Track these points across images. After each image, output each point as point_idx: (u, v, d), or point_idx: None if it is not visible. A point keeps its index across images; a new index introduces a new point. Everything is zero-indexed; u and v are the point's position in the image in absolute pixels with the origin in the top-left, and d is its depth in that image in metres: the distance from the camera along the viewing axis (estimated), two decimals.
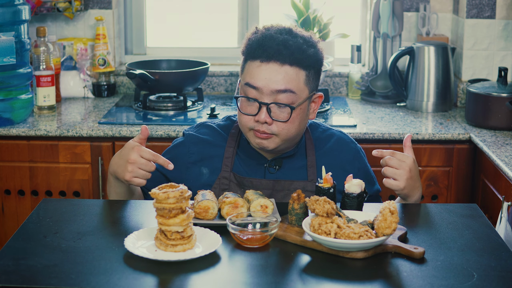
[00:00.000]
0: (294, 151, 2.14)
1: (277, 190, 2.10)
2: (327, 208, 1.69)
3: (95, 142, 2.92)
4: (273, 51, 2.00)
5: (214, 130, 2.19)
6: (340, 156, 2.16)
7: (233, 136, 2.16)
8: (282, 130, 2.02)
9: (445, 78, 3.21)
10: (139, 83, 3.14)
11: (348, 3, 3.77)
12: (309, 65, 2.03)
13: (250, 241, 1.69)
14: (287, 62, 2.00)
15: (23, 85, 3.03)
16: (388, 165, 1.97)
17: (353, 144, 2.21)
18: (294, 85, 2.01)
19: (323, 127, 2.23)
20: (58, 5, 3.41)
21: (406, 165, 1.96)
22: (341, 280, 1.57)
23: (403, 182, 1.96)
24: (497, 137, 2.83)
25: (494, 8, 3.27)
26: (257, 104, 2.01)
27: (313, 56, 2.04)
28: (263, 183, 2.10)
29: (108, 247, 1.68)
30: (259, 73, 2.01)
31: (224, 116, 2.26)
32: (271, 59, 2.00)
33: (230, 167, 2.12)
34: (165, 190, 1.63)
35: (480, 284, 1.52)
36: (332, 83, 3.54)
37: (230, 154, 2.14)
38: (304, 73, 2.03)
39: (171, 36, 3.93)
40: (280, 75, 2.00)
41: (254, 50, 2.03)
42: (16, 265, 1.58)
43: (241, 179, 2.11)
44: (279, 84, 1.99)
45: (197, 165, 2.15)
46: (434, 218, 1.91)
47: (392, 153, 1.98)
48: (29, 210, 2.95)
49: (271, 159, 2.13)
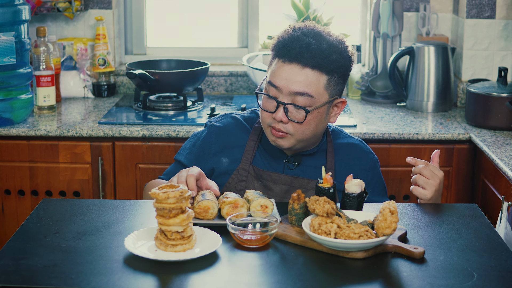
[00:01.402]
0: (314, 151, 2.17)
1: (294, 186, 2.14)
2: (327, 208, 1.69)
3: (95, 142, 2.92)
4: (295, 53, 2.03)
5: (238, 122, 2.23)
6: (357, 164, 2.20)
7: (256, 130, 2.21)
8: (297, 130, 2.06)
9: (445, 78, 3.21)
10: (139, 83, 3.14)
11: (348, 3, 3.77)
12: (332, 70, 2.05)
13: (250, 241, 1.69)
14: (309, 65, 2.02)
15: (23, 85, 3.03)
16: (421, 174, 2.02)
17: (371, 154, 2.25)
18: (313, 89, 2.03)
19: (344, 134, 2.27)
20: (58, 5, 3.41)
21: (437, 178, 2.02)
22: (341, 280, 1.56)
23: (431, 192, 2.01)
24: (497, 137, 2.83)
25: (494, 8, 3.27)
26: (276, 103, 2.06)
27: (336, 62, 2.05)
28: (282, 178, 2.14)
29: (108, 247, 1.68)
30: (281, 72, 2.05)
31: (250, 109, 2.30)
32: (293, 61, 2.03)
33: (250, 160, 2.16)
34: (165, 190, 1.63)
35: (480, 284, 1.52)
36: None
37: (251, 147, 2.18)
38: (325, 78, 2.04)
39: (171, 36, 3.93)
40: (300, 77, 2.03)
41: (279, 49, 2.07)
42: (16, 265, 1.58)
43: (260, 172, 2.15)
44: (298, 86, 2.02)
45: (218, 156, 2.19)
46: (434, 218, 1.91)
47: (426, 164, 2.03)
48: (29, 210, 2.95)
49: (291, 156, 2.17)
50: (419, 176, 2.02)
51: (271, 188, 2.14)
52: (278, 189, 2.13)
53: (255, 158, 2.17)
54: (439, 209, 1.98)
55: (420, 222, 1.88)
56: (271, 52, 2.12)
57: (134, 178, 2.94)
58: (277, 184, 2.13)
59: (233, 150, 2.19)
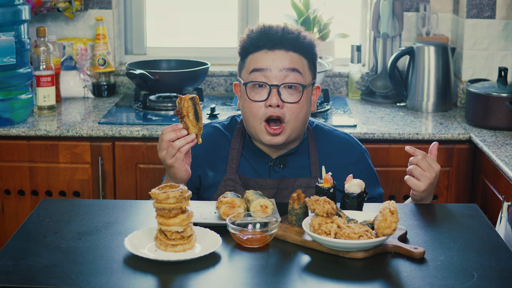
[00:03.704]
0: (297, 148, 2.15)
1: (281, 188, 2.12)
2: (327, 208, 1.69)
3: (95, 142, 2.92)
4: (278, 37, 2.06)
5: (219, 131, 2.21)
6: (344, 157, 2.17)
7: (236, 136, 2.18)
8: (292, 114, 2.05)
9: (445, 78, 3.21)
10: (139, 83, 3.14)
11: (348, 3, 3.77)
12: (309, 53, 2.11)
13: (250, 241, 1.69)
14: (291, 49, 2.06)
15: (23, 85, 3.03)
16: (418, 165, 2.00)
17: (358, 146, 2.22)
18: (300, 67, 2.07)
19: (328, 128, 2.25)
20: (58, 5, 3.41)
21: (434, 171, 2.00)
22: (341, 280, 1.57)
23: (425, 184, 1.99)
24: (497, 137, 2.83)
25: (494, 8, 3.27)
26: (267, 89, 2.04)
27: (311, 45, 2.12)
28: (268, 182, 2.12)
29: (108, 247, 1.68)
30: (266, 57, 2.06)
31: (228, 116, 2.27)
32: (276, 47, 2.06)
33: (235, 169, 2.14)
34: (165, 190, 1.63)
35: (480, 284, 1.52)
36: (332, 83, 3.54)
37: (234, 156, 2.15)
38: (306, 61, 2.09)
39: (171, 36, 3.93)
40: (286, 60, 2.05)
41: (257, 42, 2.08)
42: (16, 265, 1.58)
43: (246, 180, 2.12)
44: (287, 64, 2.05)
45: (203, 167, 2.16)
46: (434, 218, 1.91)
47: (424, 155, 2.01)
48: (29, 210, 2.95)
49: (275, 158, 2.15)
50: (415, 167, 2.00)
51: None
52: (266, 194, 2.11)
53: (240, 166, 2.15)
54: (439, 209, 1.98)
55: (420, 222, 1.88)
56: (239, 56, 2.13)
57: (134, 178, 2.94)
58: (264, 190, 2.11)
59: (217, 162, 2.16)
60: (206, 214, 1.87)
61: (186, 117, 1.93)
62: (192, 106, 1.93)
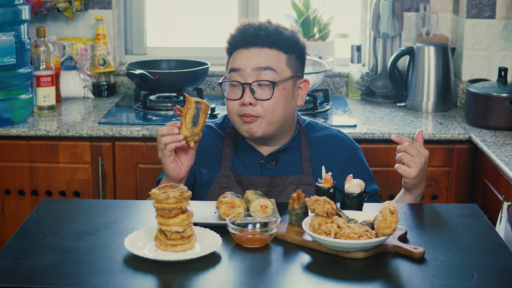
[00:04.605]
0: (288, 145, 2.16)
1: (274, 186, 2.13)
2: (327, 208, 1.69)
3: (95, 142, 2.92)
4: (251, 34, 2.09)
5: (212, 129, 2.23)
6: (337, 154, 2.18)
7: (229, 134, 2.20)
8: (267, 110, 2.07)
9: (445, 78, 3.21)
10: (139, 83, 3.14)
11: (348, 3, 3.77)
12: (289, 48, 2.11)
13: (250, 241, 1.69)
14: (266, 45, 2.08)
15: (23, 85, 3.03)
16: (406, 152, 2.00)
17: (351, 143, 2.22)
18: (274, 64, 2.08)
19: (321, 126, 2.25)
20: (58, 5, 3.41)
21: (423, 156, 2.00)
22: (341, 280, 1.57)
23: (416, 170, 2.00)
24: (497, 137, 2.83)
25: (494, 8, 3.27)
26: (241, 88, 2.07)
27: (290, 39, 2.11)
28: (261, 180, 2.13)
29: (108, 247, 1.68)
30: (240, 56, 2.10)
31: (222, 115, 2.29)
32: (250, 45, 2.09)
33: (229, 166, 2.16)
34: (165, 190, 1.63)
35: (480, 284, 1.52)
36: (332, 83, 3.54)
37: (228, 153, 2.17)
38: (284, 56, 2.10)
39: (171, 36, 3.93)
40: (260, 58, 2.08)
41: (233, 41, 2.12)
42: (16, 265, 1.58)
43: (240, 177, 2.14)
44: (261, 61, 2.07)
45: (196, 165, 2.17)
46: (434, 218, 1.91)
47: (411, 142, 2.01)
48: (29, 210, 2.95)
49: (267, 155, 2.16)
50: (404, 154, 2.00)
51: None
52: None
53: (233, 163, 2.17)
54: (439, 209, 1.98)
55: (420, 222, 1.88)
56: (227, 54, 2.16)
57: (134, 178, 2.94)
58: (256, 187, 2.13)
59: (211, 159, 2.18)
60: (206, 214, 1.87)
61: (183, 118, 1.96)
62: (194, 110, 1.95)
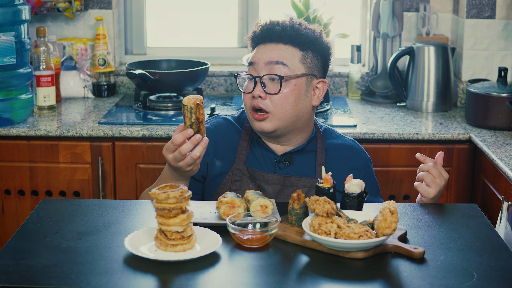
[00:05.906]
0: (304, 146, 2.17)
1: (286, 185, 2.14)
2: (327, 208, 1.69)
3: (95, 142, 2.92)
4: (267, 30, 2.13)
5: (229, 123, 2.26)
6: (349, 163, 2.20)
7: (247, 129, 2.22)
8: (276, 105, 2.09)
9: (445, 78, 3.21)
10: (139, 83, 3.14)
11: (348, 3, 3.77)
12: (304, 45, 2.13)
13: (250, 241, 1.69)
14: (281, 41, 2.12)
15: (23, 85, 3.03)
16: (429, 172, 2.04)
17: (363, 154, 2.25)
18: (287, 59, 2.11)
19: (336, 133, 2.29)
20: (58, 5, 3.41)
21: (443, 178, 2.05)
22: (341, 280, 1.57)
23: (435, 191, 2.03)
24: (497, 137, 2.83)
25: (494, 8, 3.27)
26: (253, 81, 2.11)
27: (306, 36, 2.13)
28: (274, 178, 2.15)
29: (108, 247, 1.68)
30: (257, 51, 2.15)
31: (240, 110, 2.33)
32: (267, 40, 2.13)
33: (243, 160, 2.18)
34: (165, 190, 1.63)
35: (480, 284, 1.52)
36: (332, 83, 3.54)
37: (244, 147, 2.19)
38: (300, 53, 2.12)
39: (171, 36, 3.93)
40: (274, 52, 2.11)
41: (254, 36, 2.18)
42: (16, 265, 1.58)
43: (253, 172, 2.16)
44: (274, 56, 2.10)
45: (210, 156, 2.20)
46: (434, 218, 1.91)
47: (435, 163, 2.06)
48: (29, 210, 2.95)
49: (281, 155, 2.17)
50: (427, 174, 2.04)
51: (263, 188, 2.14)
52: (271, 189, 2.14)
53: (248, 158, 2.19)
54: (439, 209, 1.98)
55: (420, 222, 1.88)
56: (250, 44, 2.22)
57: (134, 178, 2.94)
58: (269, 184, 2.14)
59: (226, 152, 2.20)
60: (206, 214, 1.88)
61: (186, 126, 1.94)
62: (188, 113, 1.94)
